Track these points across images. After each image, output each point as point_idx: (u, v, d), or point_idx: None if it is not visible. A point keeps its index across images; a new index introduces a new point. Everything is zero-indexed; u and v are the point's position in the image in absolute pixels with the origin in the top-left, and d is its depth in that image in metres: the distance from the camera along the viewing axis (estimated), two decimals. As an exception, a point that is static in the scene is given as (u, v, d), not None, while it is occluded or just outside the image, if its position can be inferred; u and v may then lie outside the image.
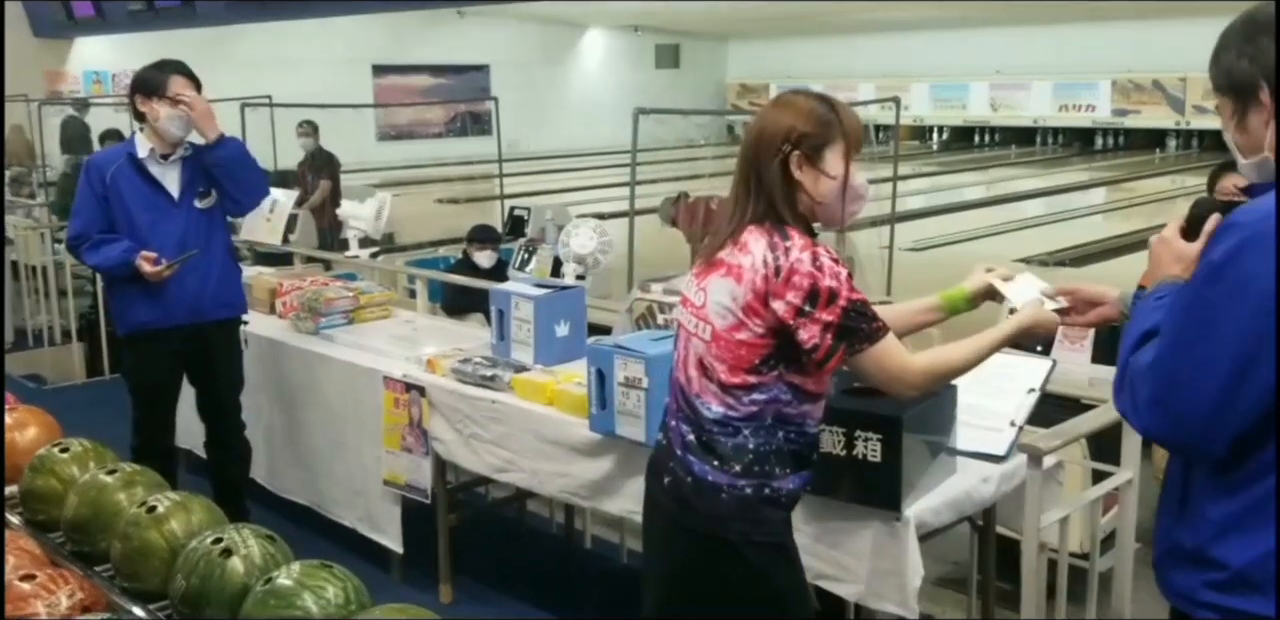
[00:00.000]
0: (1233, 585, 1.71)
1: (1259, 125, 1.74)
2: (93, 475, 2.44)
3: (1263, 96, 1.72)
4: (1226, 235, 1.66)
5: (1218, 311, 1.65)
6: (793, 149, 2.20)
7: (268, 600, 1.92)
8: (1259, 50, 1.72)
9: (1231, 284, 1.63)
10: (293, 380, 4.33)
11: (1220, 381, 1.64)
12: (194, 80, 3.90)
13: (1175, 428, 1.70)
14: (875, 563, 2.67)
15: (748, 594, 2.23)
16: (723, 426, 2.21)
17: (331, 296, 4.47)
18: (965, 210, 14.93)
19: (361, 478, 4.02)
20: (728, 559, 2.22)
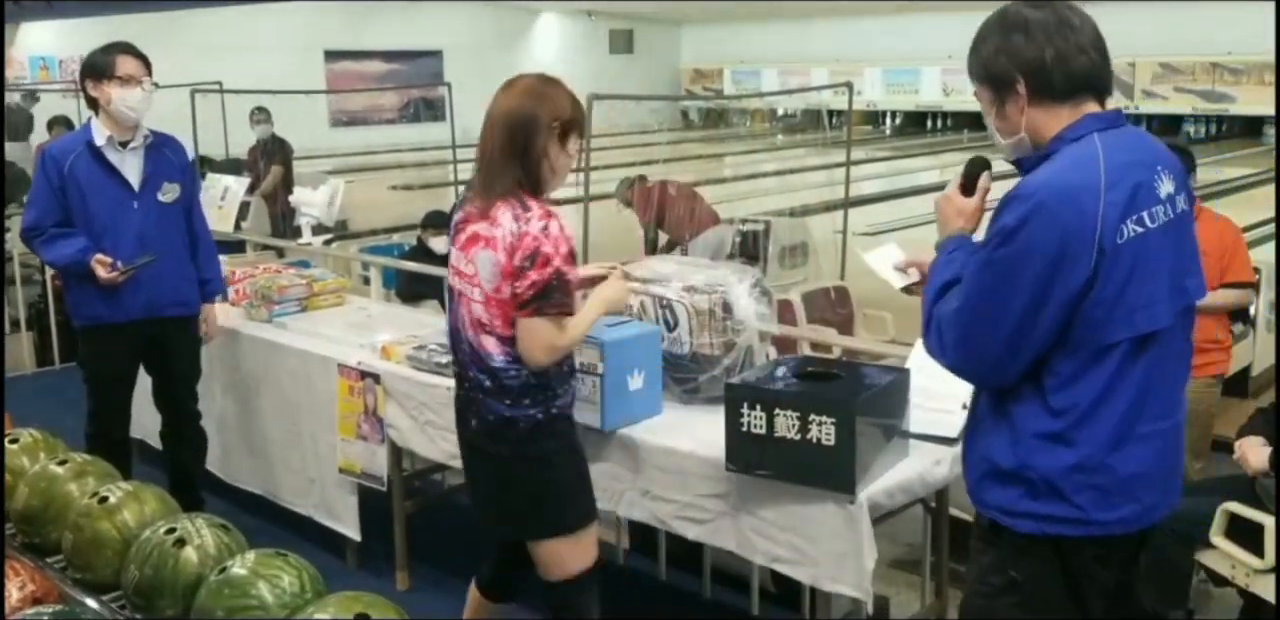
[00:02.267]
0: (1043, 494, 2.05)
1: (1015, 112, 2.06)
2: (43, 466, 2.42)
3: (1019, 88, 2.03)
4: (1015, 203, 1.97)
5: (1009, 271, 1.96)
6: (562, 130, 2.60)
7: (222, 590, 1.92)
8: (1013, 47, 2.02)
9: (1020, 247, 1.95)
10: (246, 369, 4.30)
11: (1012, 326, 1.98)
12: (143, 61, 3.83)
13: (977, 364, 2.07)
14: (830, 545, 2.69)
15: (561, 491, 2.74)
16: (507, 371, 2.62)
17: (285, 284, 4.44)
18: (918, 195, 15.00)
19: (316, 466, 4.00)
20: (539, 470, 2.70)
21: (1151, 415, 2.06)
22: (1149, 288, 1.99)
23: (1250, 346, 5.80)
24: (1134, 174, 1.98)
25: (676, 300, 3.14)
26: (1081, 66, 2.00)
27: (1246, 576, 3.25)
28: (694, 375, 3.17)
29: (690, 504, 2.96)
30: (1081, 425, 2.02)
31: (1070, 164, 1.98)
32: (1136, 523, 2.09)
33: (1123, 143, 2.02)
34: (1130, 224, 1.96)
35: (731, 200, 11.29)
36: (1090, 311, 1.96)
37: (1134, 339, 2.00)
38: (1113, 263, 1.94)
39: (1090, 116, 2.03)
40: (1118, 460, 2.03)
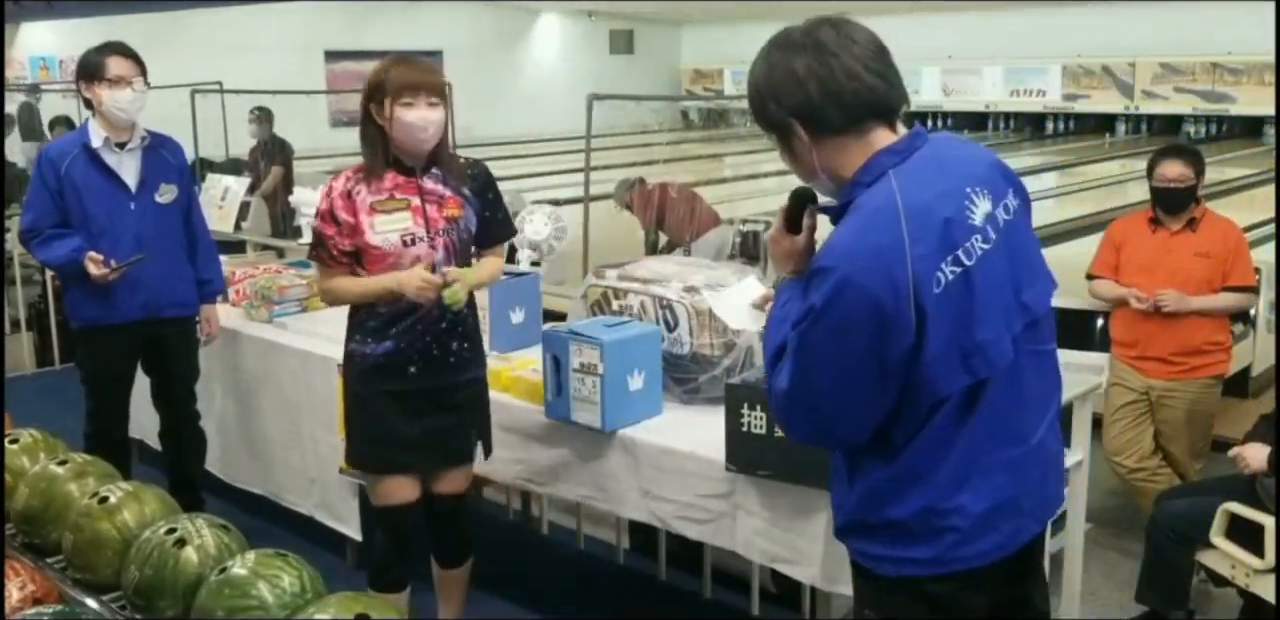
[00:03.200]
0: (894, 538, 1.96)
1: (805, 153, 1.91)
2: (43, 466, 2.42)
3: (799, 132, 1.88)
4: (819, 279, 1.83)
5: (827, 351, 1.84)
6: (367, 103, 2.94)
7: (222, 590, 1.92)
8: (779, 91, 1.87)
9: (834, 327, 1.81)
10: (246, 369, 4.30)
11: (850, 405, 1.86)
12: (136, 61, 3.80)
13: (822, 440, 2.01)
14: (830, 546, 2.69)
15: (351, 425, 3.13)
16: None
17: (285, 284, 4.43)
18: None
19: (317, 466, 4.00)
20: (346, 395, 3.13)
21: (1002, 443, 1.93)
22: (982, 327, 1.85)
23: (1250, 347, 5.80)
24: (940, 211, 1.82)
25: (676, 300, 3.14)
26: (854, 94, 1.84)
27: (1247, 576, 3.25)
28: (694, 375, 3.17)
29: (690, 504, 2.96)
30: (925, 473, 1.90)
31: (867, 222, 1.82)
32: (1000, 551, 1.96)
33: (921, 176, 1.86)
34: (946, 268, 1.81)
35: (732, 200, 11.29)
36: (924, 371, 1.82)
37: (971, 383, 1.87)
38: (936, 318, 1.80)
39: (882, 154, 1.87)
40: (968, 498, 1.91)
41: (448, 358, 3.03)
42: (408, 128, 2.87)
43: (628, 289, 3.28)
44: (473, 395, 3.13)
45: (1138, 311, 4.18)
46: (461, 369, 3.06)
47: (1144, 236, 4.26)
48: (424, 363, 2.99)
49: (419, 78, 2.89)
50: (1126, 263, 4.27)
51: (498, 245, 3.15)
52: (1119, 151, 19.95)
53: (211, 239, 4.19)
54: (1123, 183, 15.07)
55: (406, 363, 2.99)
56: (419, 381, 3.00)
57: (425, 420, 3.04)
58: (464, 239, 3.01)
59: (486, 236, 3.09)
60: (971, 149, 2.02)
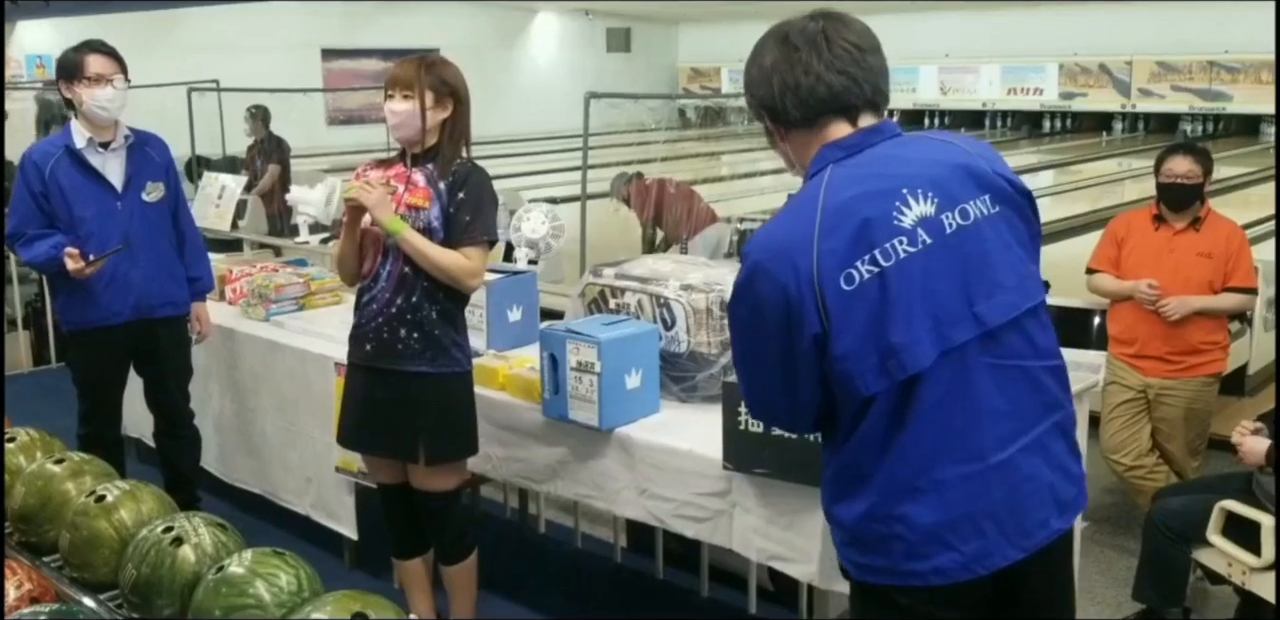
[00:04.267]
0: (854, 542, 1.96)
1: (779, 143, 1.98)
2: (40, 465, 2.42)
3: (768, 123, 1.96)
4: (744, 259, 1.91)
5: (749, 327, 1.91)
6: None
7: (219, 588, 1.92)
8: (750, 82, 1.95)
9: (751, 307, 1.88)
10: (243, 368, 4.29)
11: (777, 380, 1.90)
12: (115, 58, 3.76)
13: (767, 412, 2.05)
14: (827, 544, 2.68)
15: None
16: None
17: (282, 283, 4.43)
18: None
19: (314, 465, 4.00)
20: None
21: (952, 459, 1.85)
22: (898, 330, 1.80)
23: (1247, 345, 5.81)
24: (862, 210, 1.81)
25: (674, 299, 3.14)
26: (810, 90, 1.86)
27: (1243, 574, 3.26)
28: (691, 374, 3.17)
29: (687, 502, 2.96)
30: (867, 474, 1.88)
31: (787, 214, 1.89)
32: (964, 571, 1.88)
33: (856, 173, 1.86)
34: (861, 267, 1.80)
35: (729, 198, 11.28)
36: (838, 365, 1.82)
37: (896, 386, 1.82)
38: (844, 313, 1.80)
39: (828, 147, 1.89)
40: (912, 510, 1.86)
41: (395, 344, 3.07)
42: (388, 120, 3.07)
43: (625, 287, 3.28)
44: (424, 392, 3.09)
45: (1136, 309, 4.18)
46: (408, 359, 3.06)
47: (1146, 234, 4.25)
48: (376, 343, 3.10)
49: (394, 73, 3.06)
50: (1127, 259, 4.26)
51: (461, 246, 3.04)
52: (1116, 150, 19.97)
53: (199, 236, 4.16)
54: (1120, 181, 15.07)
55: (364, 339, 3.13)
56: (372, 360, 3.12)
57: (371, 398, 3.14)
58: (420, 229, 3.03)
59: (449, 236, 3.06)
60: (938, 149, 1.94)
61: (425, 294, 3.04)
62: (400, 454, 3.15)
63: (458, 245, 3.04)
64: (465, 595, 3.30)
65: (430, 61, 3.08)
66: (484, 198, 3.09)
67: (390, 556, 3.50)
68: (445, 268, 3.01)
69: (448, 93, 3.06)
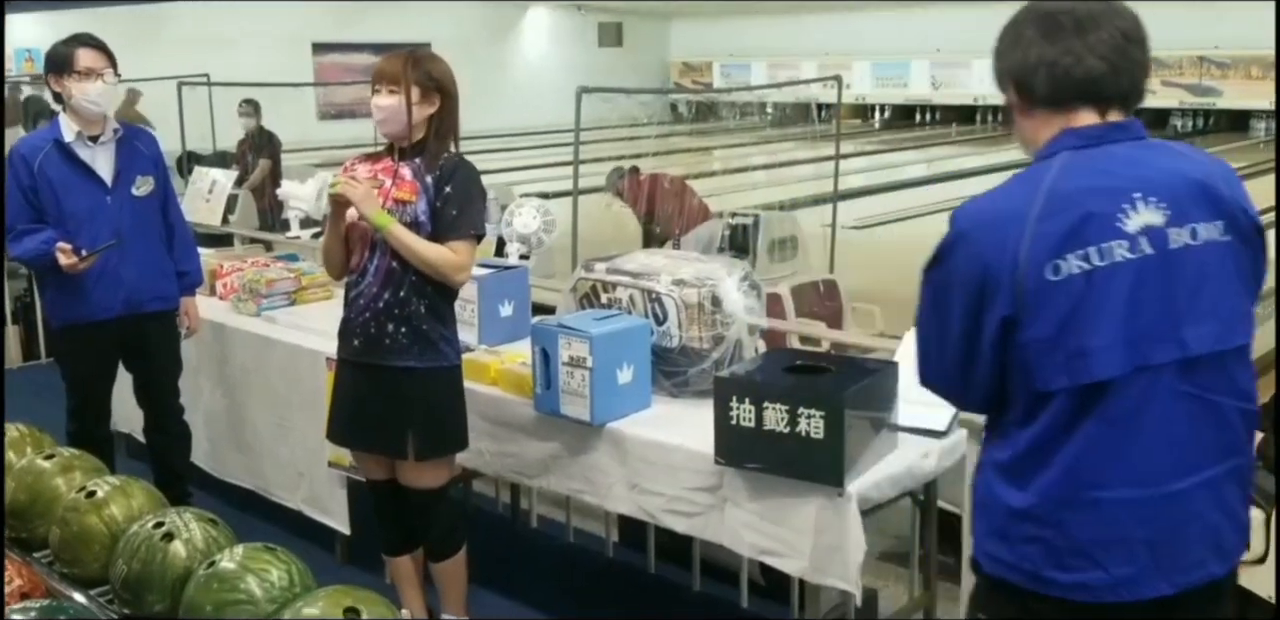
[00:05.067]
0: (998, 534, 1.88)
1: (1020, 120, 1.92)
2: (30, 460, 2.41)
3: (1011, 94, 1.89)
4: (950, 224, 1.85)
5: (942, 295, 1.85)
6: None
7: (211, 584, 1.92)
8: (1003, 50, 1.88)
9: (946, 274, 1.84)
10: (234, 363, 4.28)
11: (956, 351, 1.85)
12: (105, 52, 3.73)
13: (937, 382, 1.95)
14: (818, 538, 2.70)
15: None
16: None
17: (273, 278, 4.42)
18: (907, 188, 15.03)
19: (305, 460, 4.00)
20: None
21: (1124, 480, 1.79)
22: (1096, 334, 1.74)
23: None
24: (1087, 203, 1.75)
25: (666, 294, 3.14)
26: (1066, 71, 1.79)
27: (1234, 568, 3.26)
28: (683, 369, 3.17)
29: (679, 497, 2.96)
30: (1031, 471, 1.82)
31: (1004, 190, 1.83)
32: (1108, 593, 1.80)
33: (1091, 165, 1.79)
34: (1072, 259, 1.73)
35: (721, 193, 11.29)
36: (1021, 353, 1.77)
37: (1077, 389, 1.76)
38: (1042, 302, 1.74)
39: (1068, 133, 1.82)
40: (1071, 520, 1.80)
41: (383, 339, 3.06)
42: (374, 115, 3.06)
43: (617, 282, 3.28)
44: (411, 387, 3.08)
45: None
46: (396, 354, 3.05)
47: None
48: (364, 338, 3.09)
49: (380, 67, 3.05)
50: None
51: (448, 240, 3.02)
52: (1106, 145, 19.94)
53: (189, 230, 4.14)
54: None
55: (352, 335, 3.12)
56: (360, 355, 3.11)
57: (359, 394, 3.14)
58: (407, 223, 3.01)
59: (436, 230, 3.04)
60: (1180, 161, 1.86)
61: (413, 288, 3.04)
62: (388, 450, 3.14)
63: (444, 240, 3.02)
64: (455, 591, 3.30)
65: (418, 56, 3.07)
66: (471, 192, 3.07)
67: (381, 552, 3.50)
68: (432, 262, 2.99)
69: (434, 88, 3.04)
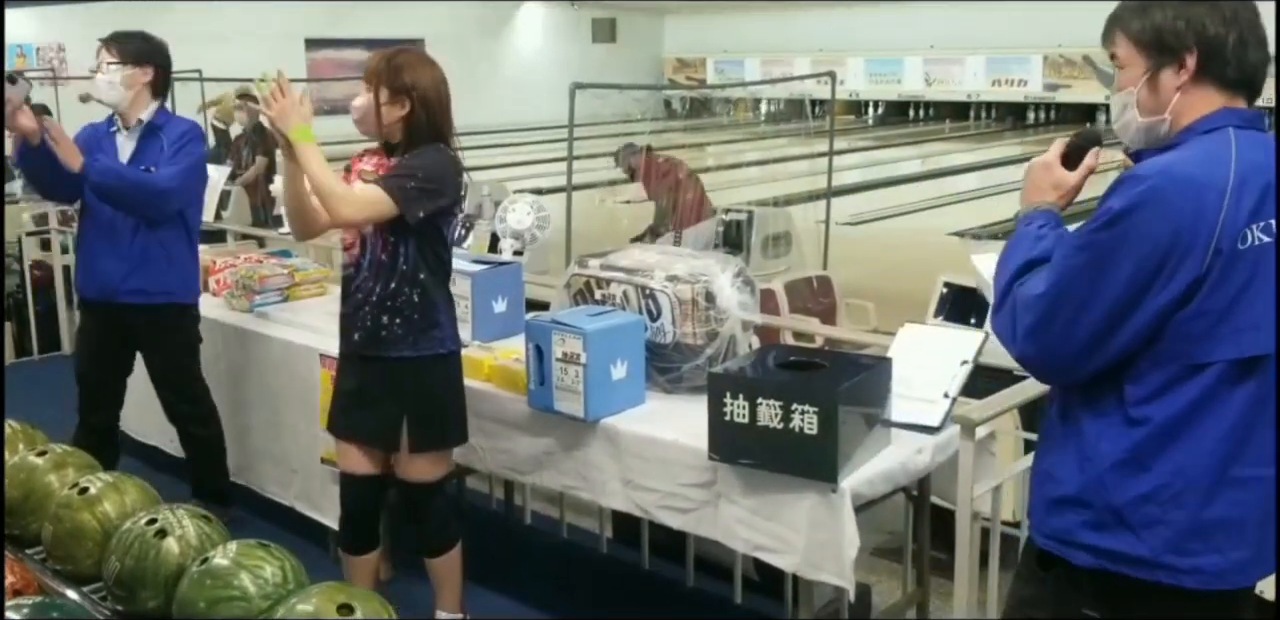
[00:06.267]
0: (1108, 524, 1.82)
1: (1170, 88, 1.83)
2: (22, 457, 2.41)
3: (1188, 61, 1.80)
4: (1127, 185, 1.76)
5: (1108, 257, 1.75)
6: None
7: (204, 581, 1.91)
8: (1197, 17, 1.80)
9: (1124, 234, 1.74)
10: (228, 359, 4.28)
11: (1098, 321, 1.76)
12: (107, 46, 3.81)
13: (1048, 357, 1.83)
14: (812, 534, 2.70)
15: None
16: None
17: (266, 274, 4.41)
18: (900, 184, 15.05)
19: (299, 456, 3.99)
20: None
21: (1255, 459, 1.79)
22: (1262, 305, 1.75)
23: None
24: (1268, 176, 1.76)
25: (660, 290, 3.14)
26: (1256, 60, 1.82)
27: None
28: (677, 365, 3.17)
29: (673, 493, 2.96)
30: (1164, 449, 1.78)
31: (1196, 155, 1.77)
32: (1218, 580, 1.80)
33: (1259, 143, 1.80)
34: (1256, 230, 1.73)
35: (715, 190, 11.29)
36: (1190, 322, 1.74)
37: (1235, 362, 1.76)
38: (1228, 269, 1.72)
39: (1227, 110, 1.82)
40: (1201, 500, 1.77)
41: (379, 331, 3.07)
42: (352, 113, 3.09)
43: (610, 278, 3.28)
44: (408, 380, 3.09)
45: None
46: (392, 345, 3.06)
47: None
48: (363, 332, 3.10)
49: (367, 64, 3.07)
50: None
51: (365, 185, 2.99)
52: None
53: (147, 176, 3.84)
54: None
55: (352, 329, 3.13)
56: (360, 348, 3.12)
57: (359, 386, 3.15)
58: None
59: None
60: None
61: (404, 279, 3.04)
62: (386, 441, 3.14)
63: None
64: (451, 587, 3.30)
65: (396, 59, 3.03)
66: (423, 164, 3.00)
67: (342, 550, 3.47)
68: (324, 187, 2.89)
69: (404, 91, 3.00)
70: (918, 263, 7.13)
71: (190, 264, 4.00)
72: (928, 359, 2.97)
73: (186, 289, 4.00)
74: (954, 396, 2.92)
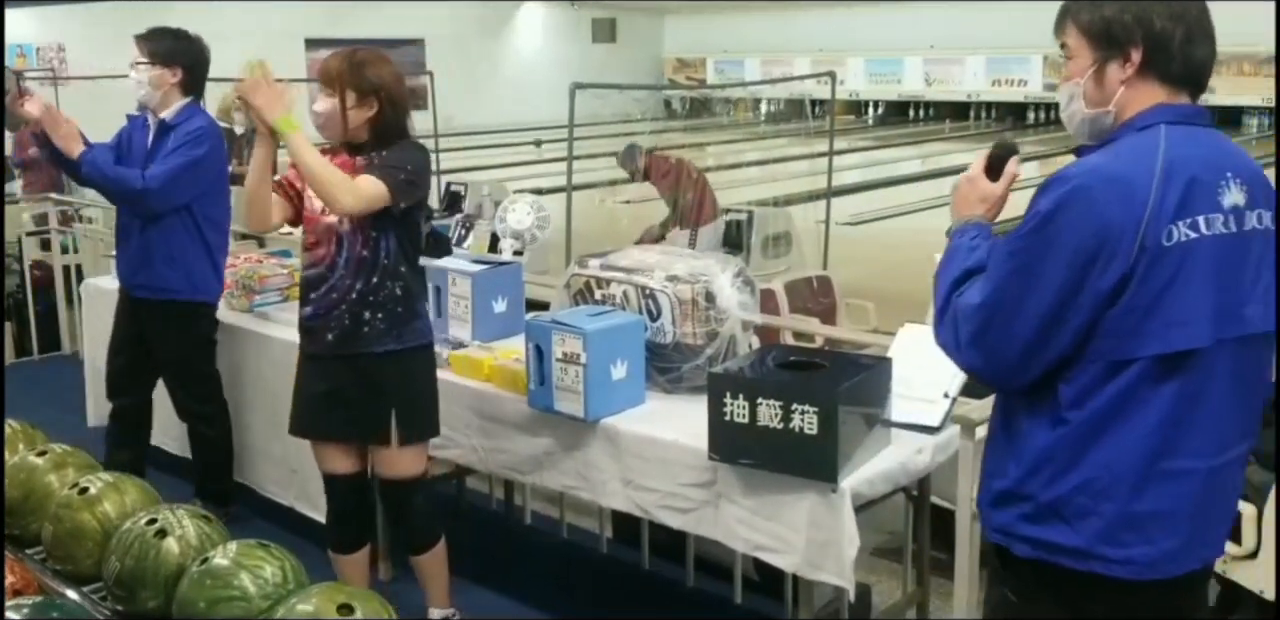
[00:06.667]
0: (1043, 517, 1.88)
1: (1115, 81, 1.87)
2: (22, 457, 2.41)
3: (1134, 55, 1.84)
4: (1053, 187, 1.80)
5: (1038, 261, 1.78)
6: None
7: (204, 580, 1.91)
8: (1146, 12, 1.83)
9: (1052, 235, 1.77)
10: (228, 359, 4.28)
11: (1036, 323, 1.79)
12: (151, 49, 3.85)
13: (993, 363, 1.86)
14: (812, 534, 2.70)
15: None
16: None
17: (266, 274, 4.41)
18: (900, 184, 15.04)
19: (298, 456, 3.98)
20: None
21: (1187, 451, 1.83)
22: (1191, 301, 1.78)
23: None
24: (1196, 174, 1.79)
25: (660, 290, 3.14)
26: (1201, 56, 1.85)
27: (1223, 563, 3.27)
28: (677, 365, 3.17)
29: (673, 493, 2.96)
30: (1092, 443, 1.83)
31: (1123, 152, 1.81)
32: (1149, 570, 1.85)
33: (1194, 141, 1.83)
34: (1181, 226, 1.76)
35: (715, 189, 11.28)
36: (1119, 319, 1.77)
37: (1162, 358, 1.79)
38: (1154, 265, 1.75)
39: (1164, 107, 1.84)
40: (1131, 492, 1.83)
41: (360, 327, 3.05)
42: (311, 120, 3.02)
43: (610, 278, 3.28)
44: (394, 373, 3.10)
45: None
46: (374, 340, 3.06)
47: None
48: (339, 331, 3.06)
49: (320, 67, 3.02)
50: None
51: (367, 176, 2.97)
52: (1100, 141, 19.97)
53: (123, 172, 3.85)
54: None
55: (325, 329, 3.07)
56: (335, 348, 3.07)
57: (336, 386, 3.10)
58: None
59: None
60: (1246, 155, 1.95)
61: (386, 273, 3.04)
62: (374, 438, 3.13)
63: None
64: (439, 583, 3.29)
65: (357, 58, 2.99)
66: (411, 159, 3.03)
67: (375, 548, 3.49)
68: (323, 175, 2.87)
69: (371, 91, 2.97)
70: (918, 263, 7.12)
71: (199, 262, 3.99)
72: (928, 359, 2.95)
73: (193, 287, 3.99)
74: (954, 396, 2.92)
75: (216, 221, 4.04)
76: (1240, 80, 19.42)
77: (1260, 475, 3.23)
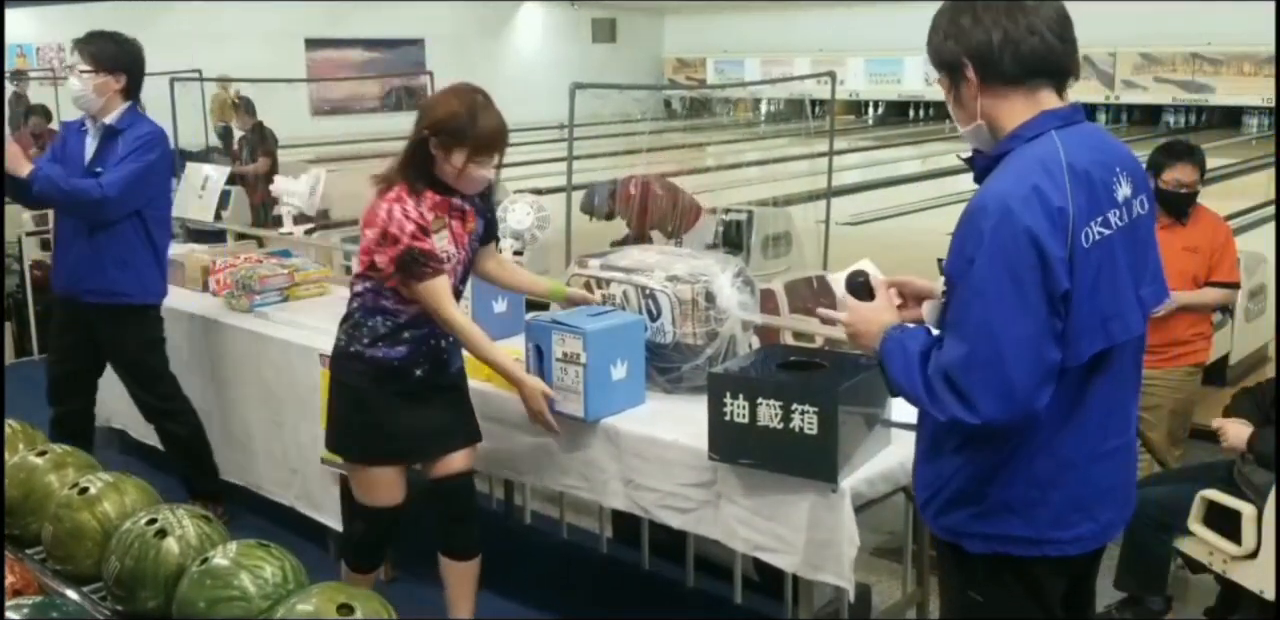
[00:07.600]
0: (995, 513, 1.97)
1: (970, 98, 1.97)
2: (22, 457, 2.41)
3: (968, 73, 1.90)
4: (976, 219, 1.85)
5: (997, 288, 1.81)
6: (431, 135, 2.93)
7: (204, 581, 1.91)
8: (960, 30, 1.93)
9: (999, 263, 1.81)
10: (228, 359, 4.28)
11: (1030, 346, 1.82)
12: (94, 56, 3.82)
13: (1011, 402, 1.83)
14: (812, 534, 2.70)
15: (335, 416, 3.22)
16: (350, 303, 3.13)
17: (266, 274, 4.41)
18: (900, 184, 15.04)
19: (298, 456, 3.99)
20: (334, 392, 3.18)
21: (1116, 429, 2.00)
22: (1118, 294, 1.89)
23: (1229, 335, 5.84)
24: (1095, 174, 1.88)
25: (660, 290, 3.14)
26: (1032, 48, 1.89)
27: (1224, 563, 3.27)
28: (677, 365, 3.17)
29: (673, 493, 2.96)
30: (1043, 442, 1.92)
31: (1028, 166, 1.86)
32: (1094, 542, 2.02)
33: (1082, 141, 1.91)
34: (1095, 225, 1.86)
35: (714, 190, 11.29)
36: (1071, 324, 1.85)
37: (1100, 352, 1.89)
38: (1081, 267, 1.83)
39: (1046, 114, 1.92)
40: (1076, 478, 1.95)
41: (443, 355, 3.14)
42: (472, 182, 3.01)
43: (610, 278, 3.28)
44: (464, 379, 3.25)
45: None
46: (453, 361, 3.19)
47: None
48: (429, 364, 3.11)
49: (501, 140, 2.97)
50: None
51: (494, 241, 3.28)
52: (1100, 141, 19.98)
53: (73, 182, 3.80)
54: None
55: (415, 366, 3.09)
56: (425, 381, 3.11)
57: (431, 412, 3.13)
58: (475, 247, 3.15)
59: (488, 235, 3.22)
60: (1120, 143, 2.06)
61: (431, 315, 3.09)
62: (465, 440, 3.21)
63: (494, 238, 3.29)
64: (470, 593, 3.27)
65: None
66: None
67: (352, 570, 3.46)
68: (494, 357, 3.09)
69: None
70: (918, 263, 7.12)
71: (149, 266, 3.99)
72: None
73: (144, 291, 4.00)
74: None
75: (163, 222, 4.07)
76: (1240, 80, 19.42)
77: (1260, 475, 3.23)
